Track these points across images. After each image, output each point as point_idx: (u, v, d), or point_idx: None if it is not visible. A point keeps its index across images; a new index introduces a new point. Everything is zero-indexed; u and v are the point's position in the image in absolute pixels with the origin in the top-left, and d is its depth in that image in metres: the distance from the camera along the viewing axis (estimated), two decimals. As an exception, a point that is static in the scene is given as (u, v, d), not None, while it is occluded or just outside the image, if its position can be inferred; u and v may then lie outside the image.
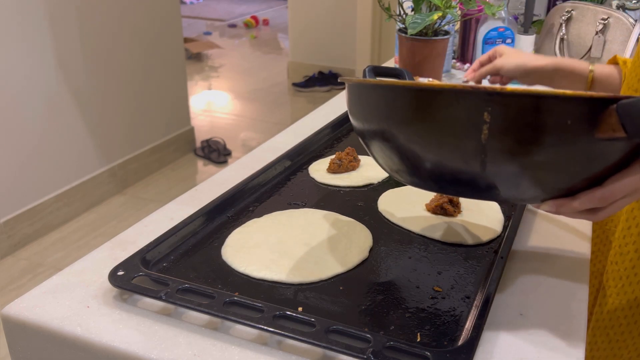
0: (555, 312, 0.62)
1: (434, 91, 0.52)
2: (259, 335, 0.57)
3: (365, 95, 0.59)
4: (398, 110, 0.55)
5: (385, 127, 0.56)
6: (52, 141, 2.38)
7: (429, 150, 0.54)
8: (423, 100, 0.52)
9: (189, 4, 7.30)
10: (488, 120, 0.49)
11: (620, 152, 0.52)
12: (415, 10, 1.31)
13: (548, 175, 0.52)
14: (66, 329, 0.58)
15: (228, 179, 0.87)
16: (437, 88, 0.52)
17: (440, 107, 0.51)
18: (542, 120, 0.49)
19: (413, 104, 0.53)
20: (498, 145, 0.50)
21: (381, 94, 0.56)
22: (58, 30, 2.31)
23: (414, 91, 0.53)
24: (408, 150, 0.55)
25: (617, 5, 1.43)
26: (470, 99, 0.50)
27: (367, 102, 0.58)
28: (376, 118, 0.58)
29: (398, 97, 0.54)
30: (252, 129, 3.67)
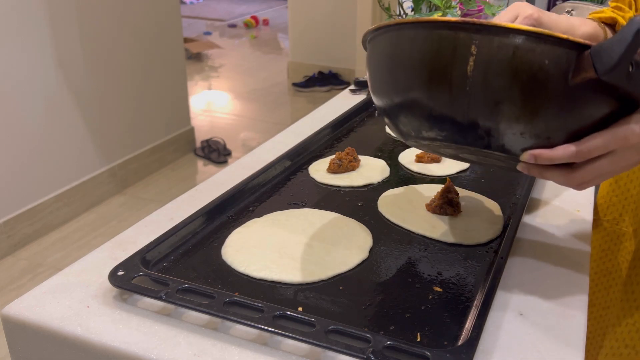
0: (555, 312, 0.62)
1: (429, 23, 0.56)
2: (259, 335, 0.57)
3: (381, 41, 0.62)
4: (402, 47, 0.58)
5: (392, 68, 0.60)
6: (52, 141, 2.39)
7: (424, 84, 0.57)
8: (420, 34, 0.56)
9: (189, 4, 7.30)
10: (474, 52, 0.53)
11: (597, 107, 0.54)
12: (415, 10, 1.31)
13: (526, 117, 0.54)
14: (66, 329, 0.58)
15: (228, 179, 0.87)
16: (432, 21, 0.56)
17: (433, 40, 0.55)
18: (523, 57, 0.52)
19: (414, 38, 0.57)
20: (481, 79, 0.53)
21: (389, 34, 0.59)
22: (58, 30, 2.31)
23: (415, 25, 0.57)
24: (407, 87, 0.59)
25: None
26: (460, 31, 0.54)
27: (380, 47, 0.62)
28: (384, 61, 0.61)
29: (402, 35, 0.58)
30: (252, 129, 3.67)
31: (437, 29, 0.55)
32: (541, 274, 0.68)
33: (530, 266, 0.70)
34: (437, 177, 0.92)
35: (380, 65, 0.62)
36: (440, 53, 0.55)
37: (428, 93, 0.57)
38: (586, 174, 0.56)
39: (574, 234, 0.77)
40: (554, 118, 0.54)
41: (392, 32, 0.59)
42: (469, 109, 0.55)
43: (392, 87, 0.60)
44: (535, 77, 0.52)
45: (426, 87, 0.57)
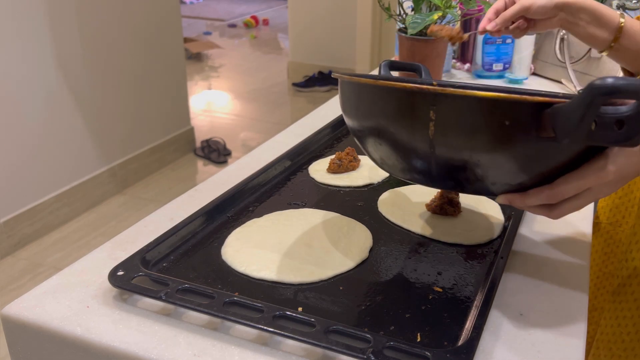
0: (555, 312, 0.62)
1: (390, 89, 0.56)
2: (259, 335, 0.57)
3: (346, 90, 0.64)
4: (365, 105, 0.61)
5: (367, 121, 0.61)
6: (52, 141, 2.39)
7: (390, 141, 0.59)
8: (384, 96, 0.57)
9: (189, 4, 7.30)
10: (433, 117, 0.53)
11: (564, 153, 0.54)
12: (415, 10, 1.31)
13: (494, 171, 0.55)
14: (66, 329, 0.58)
15: (228, 179, 0.87)
16: (392, 86, 0.56)
17: (395, 103, 0.56)
18: (482, 121, 0.52)
19: (375, 99, 0.59)
20: (443, 140, 0.54)
21: (353, 89, 0.62)
22: (58, 30, 2.31)
23: (374, 88, 0.59)
24: (379, 142, 0.60)
25: (617, 5, 1.43)
26: (418, 97, 0.54)
27: (347, 97, 0.64)
28: (357, 112, 0.63)
29: (364, 93, 0.60)
30: (252, 129, 3.67)
31: (396, 94, 0.56)
32: (541, 274, 0.68)
33: (530, 266, 0.70)
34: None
35: (351, 106, 0.63)
36: (402, 116, 0.56)
37: (395, 150, 0.59)
38: (564, 210, 0.57)
39: (575, 235, 0.77)
40: (522, 170, 0.55)
41: (356, 86, 0.61)
42: (437, 166, 0.56)
43: (364, 130, 0.62)
44: (498, 137, 0.52)
45: (393, 144, 0.59)
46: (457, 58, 1.60)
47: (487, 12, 0.94)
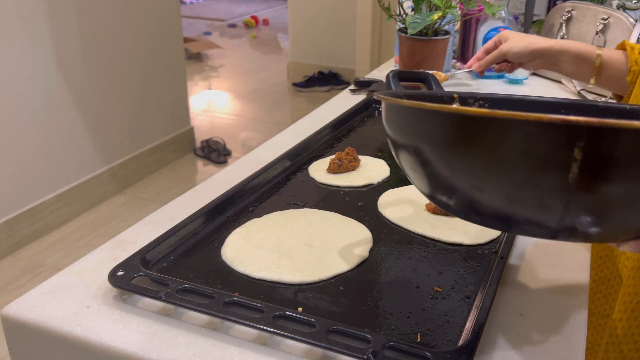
0: (555, 312, 0.62)
1: (511, 121, 0.42)
2: (259, 335, 0.57)
3: (415, 118, 0.50)
4: (459, 138, 0.46)
5: (446, 155, 0.48)
6: (52, 141, 2.38)
7: (494, 185, 0.46)
8: (496, 130, 0.43)
9: (189, 4, 7.30)
10: (579, 157, 0.41)
11: None
12: (415, 10, 1.31)
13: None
14: (66, 329, 0.58)
15: (228, 179, 0.87)
16: (517, 118, 0.42)
17: (515, 139, 0.43)
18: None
19: (482, 134, 0.44)
20: (590, 185, 0.42)
21: (445, 120, 0.47)
22: (58, 30, 2.31)
23: (486, 120, 0.43)
24: (468, 186, 0.48)
25: (617, 5, 1.43)
26: (556, 133, 0.41)
27: (418, 126, 0.50)
28: (436, 145, 0.48)
29: (458, 124, 0.45)
30: (252, 129, 3.67)
31: (529, 128, 0.42)
32: (541, 274, 0.68)
33: (530, 266, 0.70)
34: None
35: (434, 140, 0.49)
36: (529, 158, 0.42)
37: (508, 200, 0.46)
38: None
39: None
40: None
41: (445, 116, 0.46)
42: (567, 218, 0.45)
43: (450, 178, 0.48)
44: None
45: (506, 194, 0.46)
46: (457, 58, 1.60)
47: (478, 51, 1.04)
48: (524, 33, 1.02)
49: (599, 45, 1.39)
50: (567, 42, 0.93)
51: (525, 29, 1.45)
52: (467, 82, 1.45)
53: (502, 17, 1.42)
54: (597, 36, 1.38)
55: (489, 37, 1.41)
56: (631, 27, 1.35)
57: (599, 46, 0.92)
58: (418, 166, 0.51)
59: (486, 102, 0.68)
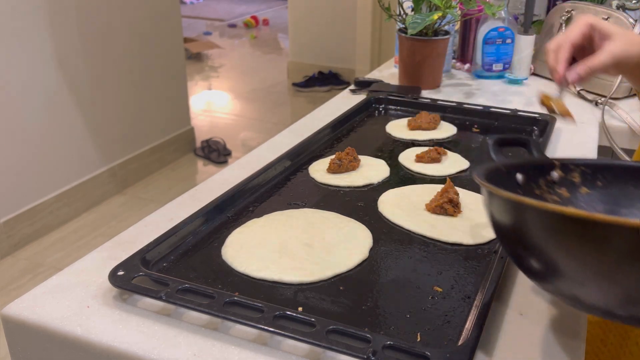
0: (555, 312, 0.62)
1: (611, 226, 0.40)
2: (259, 335, 0.57)
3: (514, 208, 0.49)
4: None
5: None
6: (52, 141, 2.39)
7: (599, 282, 0.45)
8: (596, 232, 0.42)
9: (189, 4, 7.30)
10: None
11: None
12: (415, 10, 1.31)
13: None
14: (66, 329, 0.58)
15: (228, 179, 0.87)
16: (615, 223, 0.40)
17: (620, 241, 0.41)
18: None
19: (582, 232, 0.43)
20: None
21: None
22: (58, 30, 2.31)
23: (585, 222, 0.42)
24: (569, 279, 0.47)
25: (617, 5, 1.43)
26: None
27: (520, 218, 0.49)
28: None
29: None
30: (252, 129, 3.67)
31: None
32: (541, 274, 0.68)
33: (530, 266, 0.70)
34: (437, 177, 0.92)
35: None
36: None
37: (610, 298, 0.45)
38: None
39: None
40: None
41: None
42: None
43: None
44: None
45: (610, 292, 0.45)
46: (457, 58, 1.60)
47: (560, 50, 0.72)
48: (616, 26, 0.72)
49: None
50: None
51: (525, 29, 1.45)
52: (467, 82, 1.46)
53: (502, 17, 1.42)
54: (597, 36, 1.38)
55: (489, 38, 1.41)
56: (631, 27, 1.35)
57: None
58: (517, 244, 0.51)
59: (588, 169, 0.65)
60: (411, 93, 1.29)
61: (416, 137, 1.08)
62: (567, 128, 1.13)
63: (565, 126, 1.13)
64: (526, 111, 1.14)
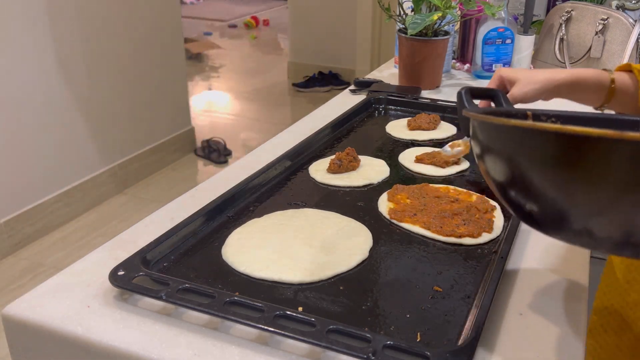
0: (555, 312, 0.62)
1: (620, 141, 0.41)
2: (259, 335, 0.57)
3: (511, 136, 0.49)
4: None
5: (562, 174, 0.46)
6: (53, 141, 2.39)
7: (595, 206, 0.45)
8: (603, 149, 0.42)
9: (189, 4, 7.30)
10: None
11: None
12: (415, 10, 1.31)
13: None
14: (67, 328, 0.58)
15: (228, 179, 0.87)
16: (626, 138, 0.41)
17: (624, 157, 0.41)
18: None
19: (587, 152, 0.43)
20: None
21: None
22: (58, 30, 2.31)
23: (594, 140, 0.42)
24: (563, 201, 0.46)
25: (617, 6, 1.43)
26: None
27: (511, 142, 0.49)
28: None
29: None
30: (253, 129, 3.68)
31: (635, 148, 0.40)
32: (541, 274, 0.68)
33: (530, 266, 0.70)
34: (437, 177, 0.92)
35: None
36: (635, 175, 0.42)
37: (605, 219, 0.45)
38: None
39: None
40: None
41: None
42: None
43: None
44: None
45: (604, 212, 0.45)
46: (457, 58, 1.60)
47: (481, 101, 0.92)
48: (523, 69, 0.90)
49: (597, 45, 1.39)
50: (579, 71, 0.87)
51: (524, 29, 1.45)
52: (466, 82, 1.46)
53: (501, 17, 1.42)
54: (597, 36, 1.38)
55: (489, 38, 1.42)
56: (630, 28, 1.35)
57: (608, 70, 0.87)
58: (508, 173, 0.50)
59: (559, 120, 0.66)
60: (411, 93, 1.29)
61: (416, 137, 1.08)
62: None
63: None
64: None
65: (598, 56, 1.40)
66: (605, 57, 1.39)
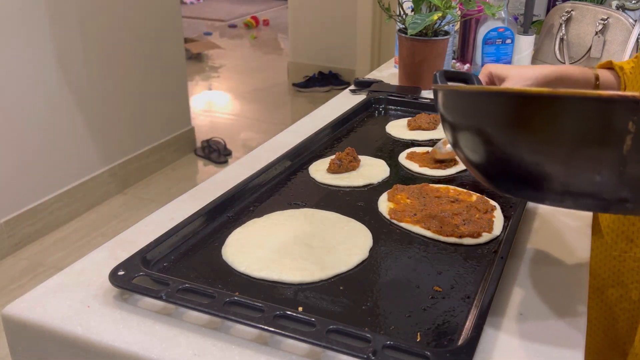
0: (555, 312, 0.62)
1: (572, 98, 0.46)
2: (259, 335, 0.57)
3: (475, 103, 0.54)
4: (518, 117, 0.49)
5: (502, 133, 0.52)
6: (53, 141, 2.39)
7: (556, 161, 0.50)
8: (556, 108, 0.47)
9: (189, 4, 7.30)
10: (633, 130, 0.44)
11: None
12: (415, 10, 1.31)
13: None
14: (67, 328, 0.58)
15: (228, 179, 0.87)
16: (571, 95, 0.46)
17: (574, 115, 0.46)
18: None
19: (543, 113, 0.48)
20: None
21: (505, 101, 0.50)
22: (59, 30, 2.31)
23: (547, 98, 0.47)
24: (529, 162, 0.51)
25: (617, 6, 1.43)
26: (613, 108, 0.45)
27: (476, 109, 0.54)
28: (495, 125, 0.52)
29: (520, 105, 0.49)
30: (253, 129, 3.68)
31: (585, 105, 0.46)
32: (541, 274, 0.68)
33: (530, 266, 0.70)
34: (436, 177, 0.92)
35: (489, 126, 0.53)
36: (587, 132, 0.47)
37: (565, 173, 0.50)
38: None
39: (574, 235, 0.77)
40: None
41: (511, 98, 0.50)
42: (620, 188, 0.48)
43: (510, 155, 0.52)
44: None
45: (563, 167, 0.49)
46: (457, 58, 1.60)
47: None
48: (511, 66, 0.94)
49: (597, 45, 1.39)
50: (565, 67, 0.91)
51: (524, 29, 1.45)
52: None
53: (501, 17, 1.42)
54: (597, 36, 1.38)
55: (489, 38, 1.42)
56: (630, 28, 1.35)
57: (591, 67, 0.91)
58: (478, 146, 0.55)
59: None
60: (411, 93, 1.29)
61: (416, 137, 1.08)
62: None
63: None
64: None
65: (598, 56, 1.40)
66: (605, 57, 1.39)
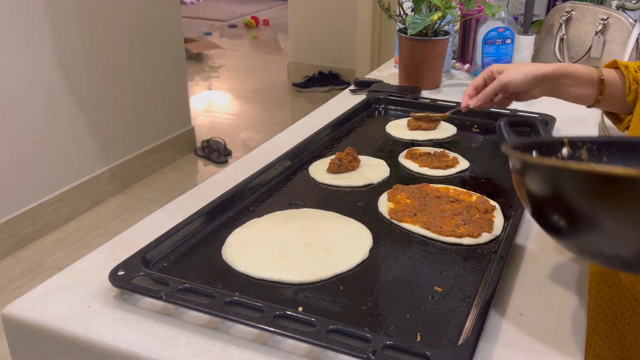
0: (555, 312, 0.62)
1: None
2: (259, 335, 0.57)
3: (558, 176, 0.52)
4: None
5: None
6: (53, 141, 2.39)
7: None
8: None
9: (189, 4, 7.30)
10: None
11: None
12: (415, 10, 1.31)
13: None
14: (67, 328, 0.58)
15: (228, 179, 0.87)
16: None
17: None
18: None
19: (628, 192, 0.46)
20: None
21: None
22: (58, 30, 2.31)
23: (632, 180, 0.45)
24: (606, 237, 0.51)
25: (617, 6, 1.43)
26: None
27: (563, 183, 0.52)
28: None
29: None
30: (253, 129, 3.68)
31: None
32: (541, 274, 0.68)
33: (530, 266, 0.70)
34: (436, 177, 0.92)
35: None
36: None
37: None
38: None
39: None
40: None
41: None
42: None
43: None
44: None
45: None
46: (457, 58, 1.60)
47: (467, 89, 0.97)
48: (513, 64, 0.97)
49: (597, 45, 1.39)
50: (567, 65, 0.90)
51: (524, 29, 1.45)
52: (467, 82, 1.46)
53: (501, 17, 1.42)
54: (597, 36, 1.38)
55: (489, 38, 1.42)
56: (630, 28, 1.35)
57: (595, 66, 0.91)
58: (557, 218, 0.55)
59: (594, 145, 0.70)
60: (411, 93, 1.29)
61: (416, 137, 1.08)
62: (567, 128, 1.13)
63: (565, 126, 1.14)
64: (526, 111, 1.14)
65: (598, 56, 1.40)
66: (605, 57, 1.39)
